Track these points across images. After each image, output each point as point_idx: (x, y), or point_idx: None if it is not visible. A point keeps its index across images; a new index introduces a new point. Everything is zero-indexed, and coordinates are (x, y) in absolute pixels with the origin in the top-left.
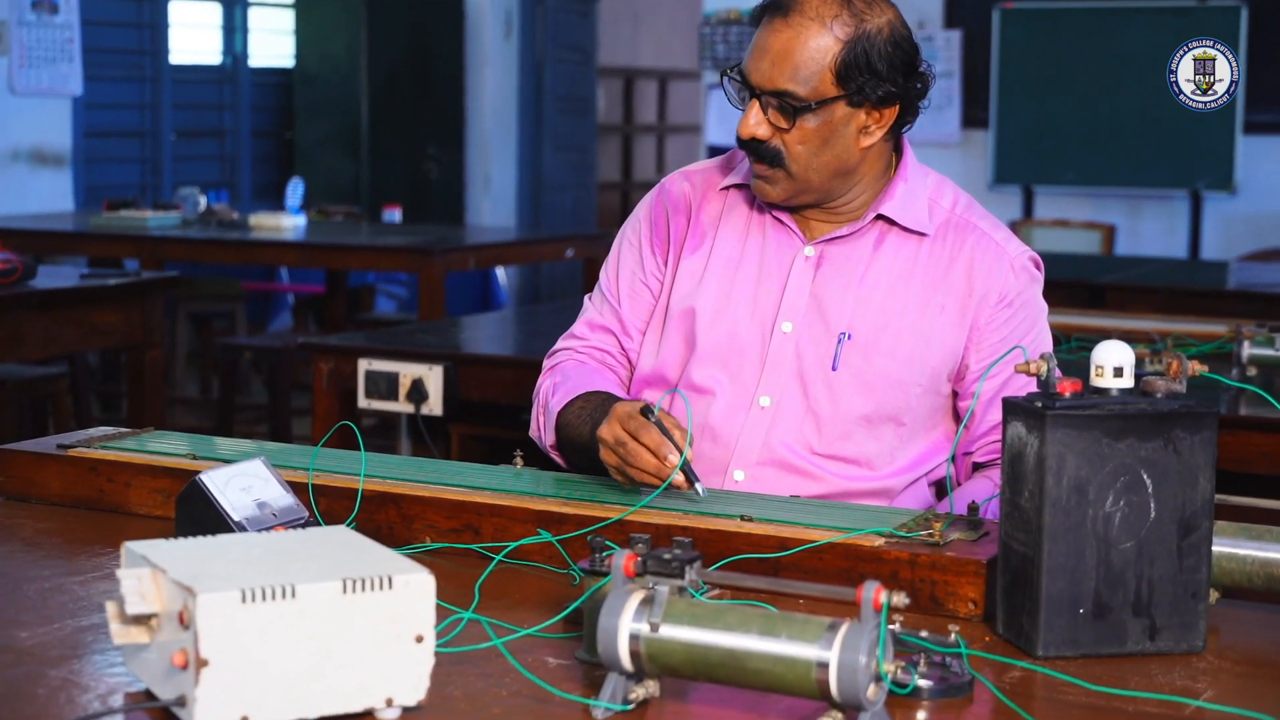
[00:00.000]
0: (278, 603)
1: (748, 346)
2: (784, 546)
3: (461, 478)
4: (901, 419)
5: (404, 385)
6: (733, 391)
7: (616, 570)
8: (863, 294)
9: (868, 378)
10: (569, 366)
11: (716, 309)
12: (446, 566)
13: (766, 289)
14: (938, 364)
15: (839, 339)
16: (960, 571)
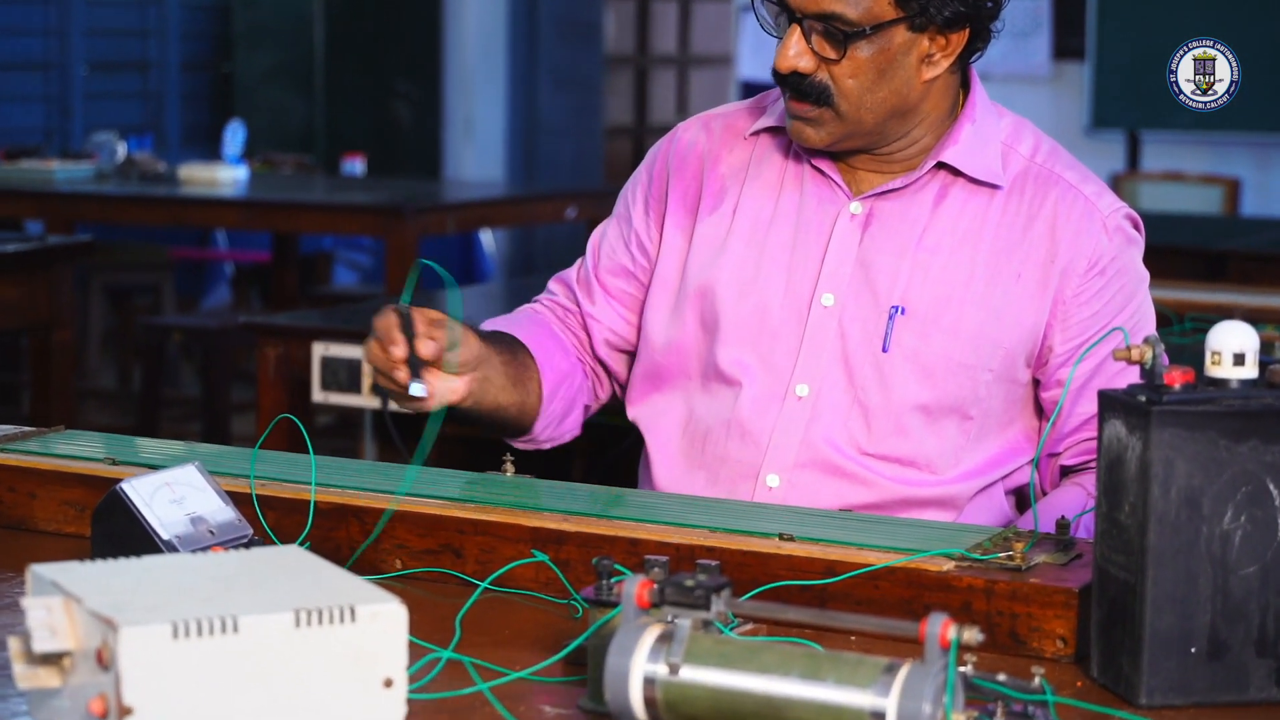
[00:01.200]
0: (216, 638)
1: (781, 325)
2: (832, 571)
3: (439, 487)
4: (968, 411)
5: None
6: (764, 380)
7: (628, 600)
8: (920, 259)
9: (926, 360)
10: (518, 315)
11: (743, 280)
12: (421, 595)
13: (803, 255)
14: (1012, 345)
15: (891, 314)
16: (1046, 602)
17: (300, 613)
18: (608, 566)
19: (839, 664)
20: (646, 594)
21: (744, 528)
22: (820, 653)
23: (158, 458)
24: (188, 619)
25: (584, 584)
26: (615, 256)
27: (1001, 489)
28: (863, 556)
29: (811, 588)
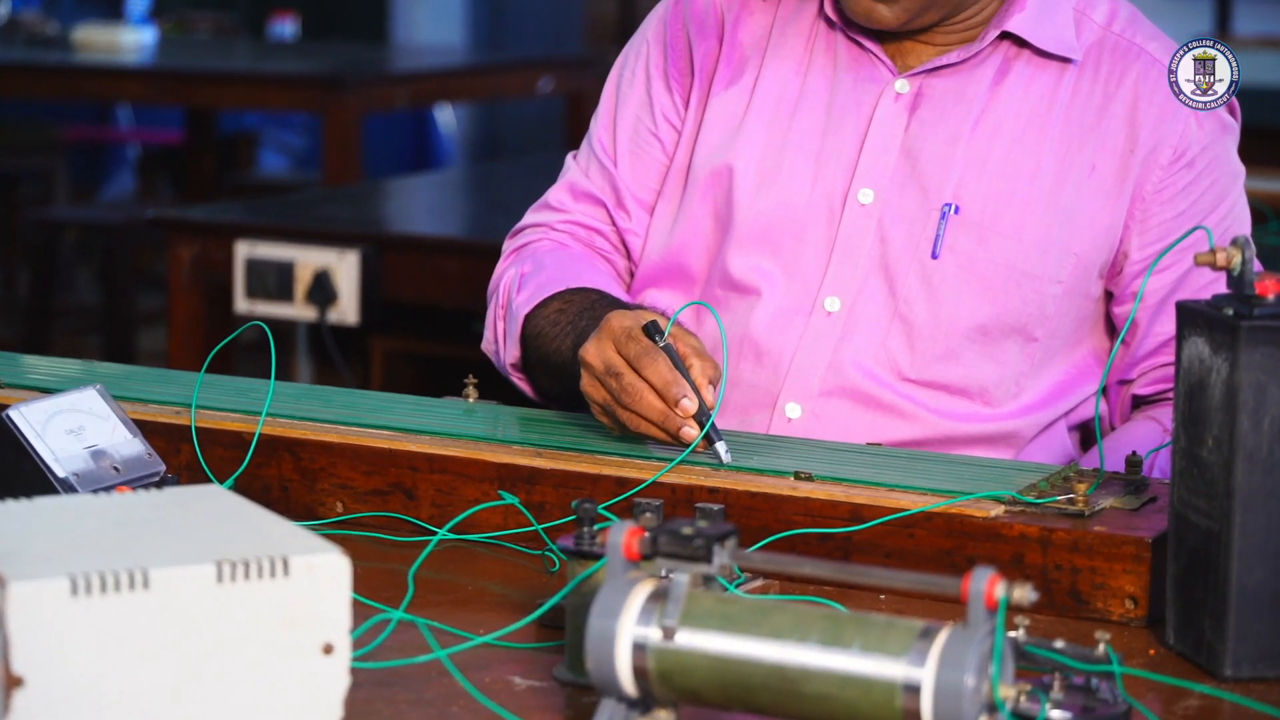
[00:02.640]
0: (123, 595)
1: (808, 224)
2: (858, 517)
3: (388, 415)
4: (1032, 331)
5: (302, 280)
6: (786, 290)
7: (614, 551)
8: (977, 147)
9: (983, 269)
10: (541, 250)
11: (763, 170)
12: (367, 544)
13: (838, 141)
14: (1085, 251)
15: (942, 213)
16: (1113, 554)
17: (223, 565)
18: (589, 511)
19: (865, 627)
20: (636, 544)
21: (753, 465)
22: (843, 614)
23: (50, 379)
24: (89, 572)
25: (561, 532)
26: (642, 155)
27: (1064, 425)
28: (894, 499)
29: (833, 537)
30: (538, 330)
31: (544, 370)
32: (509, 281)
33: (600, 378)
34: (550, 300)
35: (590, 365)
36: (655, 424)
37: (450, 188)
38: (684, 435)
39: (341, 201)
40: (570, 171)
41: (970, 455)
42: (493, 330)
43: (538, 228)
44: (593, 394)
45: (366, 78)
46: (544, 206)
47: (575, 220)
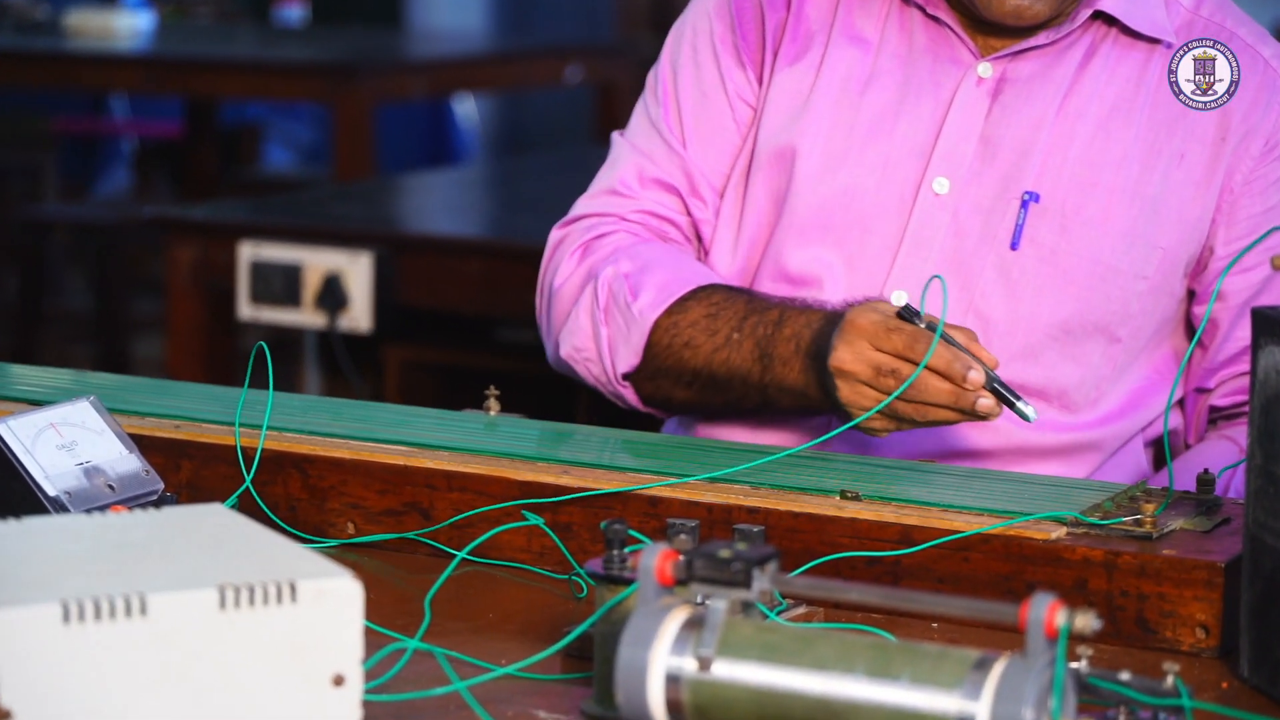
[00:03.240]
0: (119, 623)
1: (877, 212)
2: (908, 540)
3: (403, 430)
4: (1116, 331)
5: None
6: (848, 284)
7: (646, 575)
8: (1060, 132)
9: (1065, 263)
10: (634, 245)
11: (829, 152)
12: (380, 568)
13: (912, 125)
14: (1172, 246)
15: (1023, 202)
16: (1184, 580)
17: (226, 590)
18: (620, 532)
19: (916, 658)
20: (670, 567)
21: (795, 483)
22: (892, 644)
23: (39, 390)
24: (82, 598)
25: (589, 555)
26: (714, 135)
27: (1141, 440)
28: (948, 520)
29: (882, 560)
30: (680, 339)
31: (684, 380)
32: (611, 282)
33: (869, 382)
34: (686, 301)
35: (851, 373)
36: (947, 406)
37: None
38: (981, 408)
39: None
40: (629, 154)
41: (1031, 474)
42: (587, 337)
43: (605, 218)
44: (861, 402)
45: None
46: (609, 193)
47: (646, 209)
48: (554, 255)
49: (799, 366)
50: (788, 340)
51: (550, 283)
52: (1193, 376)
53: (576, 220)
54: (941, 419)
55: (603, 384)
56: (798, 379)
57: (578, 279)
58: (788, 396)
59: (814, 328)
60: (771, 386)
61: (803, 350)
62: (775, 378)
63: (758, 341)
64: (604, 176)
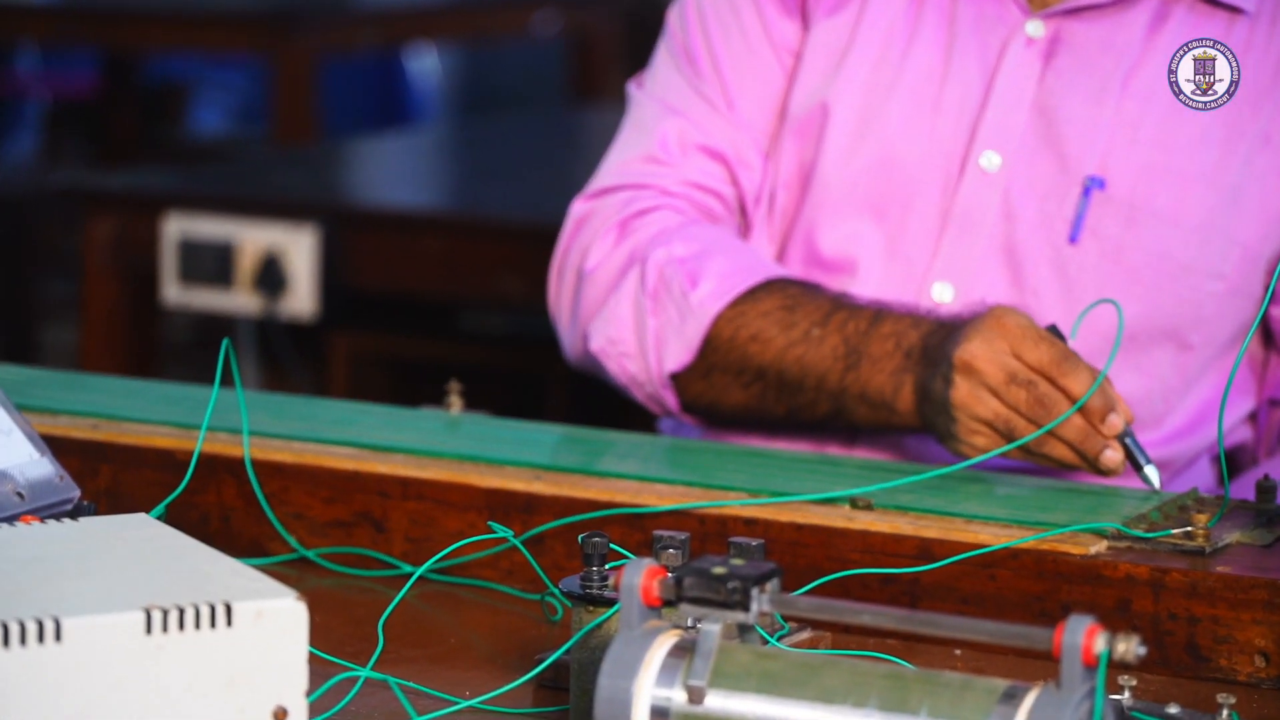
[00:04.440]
0: (31, 649)
1: (918, 188)
2: (928, 555)
3: (352, 430)
4: (1187, 337)
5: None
6: (886, 269)
7: (629, 594)
8: (1128, 109)
9: (1132, 258)
10: (687, 226)
11: (866, 116)
12: (327, 587)
13: (958, 91)
14: (1253, 239)
15: (1085, 188)
16: (1240, 601)
17: (153, 613)
18: (600, 546)
19: (936, 689)
20: (656, 586)
21: (800, 490)
22: (910, 672)
23: None
24: None
25: (564, 572)
26: (761, 92)
27: (1207, 457)
28: (972, 533)
29: (898, 578)
30: (747, 331)
31: (745, 380)
32: (663, 266)
33: (997, 387)
34: (755, 294)
35: (980, 372)
36: (1071, 444)
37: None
38: (1105, 460)
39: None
40: (663, 115)
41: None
42: (628, 329)
43: (645, 189)
44: (976, 407)
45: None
46: (647, 159)
47: (691, 179)
48: (579, 232)
49: (893, 367)
50: (886, 338)
51: (578, 265)
52: (1266, 386)
53: (608, 192)
54: (1058, 456)
55: (640, 384)
56: (887, 382)
57: (617, 262)
58: (867, 405)
59: (923, 328)
60: (851, 390)
61: (904, 349)
62: (861, 380)
63: (845, 338)
64: (635, 139)
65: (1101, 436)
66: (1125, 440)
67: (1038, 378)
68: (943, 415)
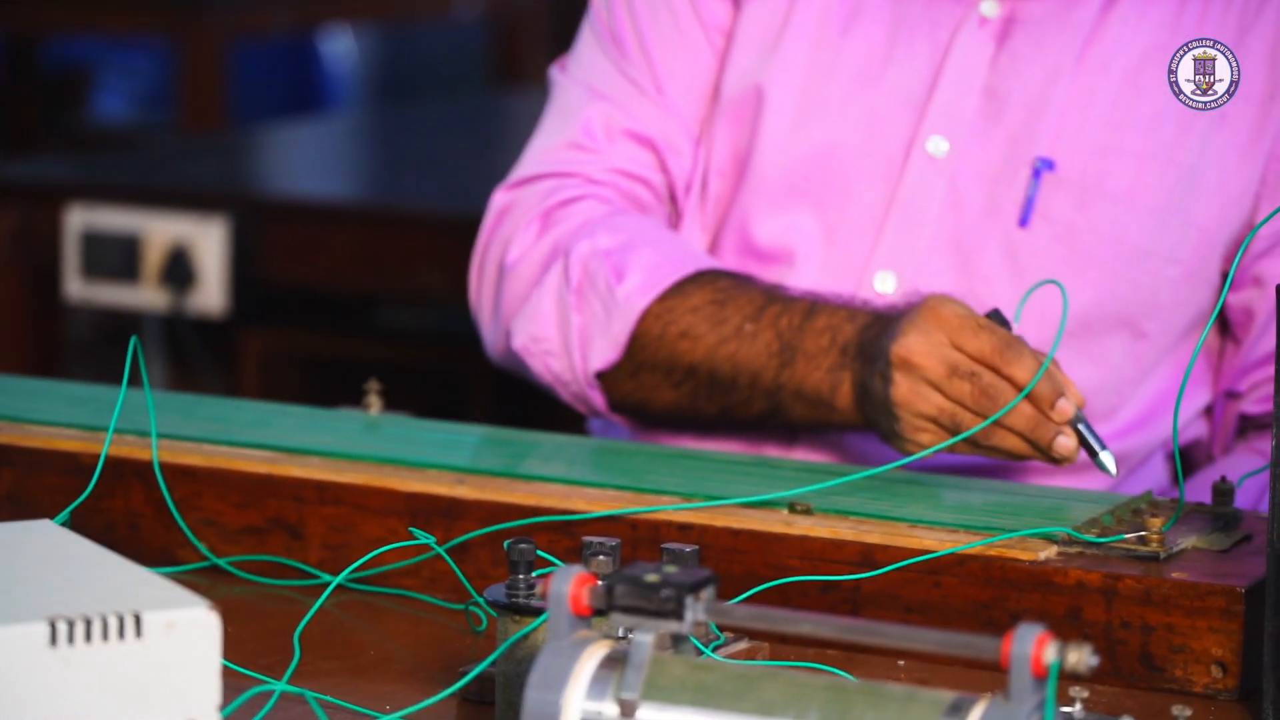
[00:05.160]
0: None
1: (859, 175)
2: (870, 561)
3: (266, 432)
4: (1142, 325)
5: (152, 256)
6: (825, 260)
7: (557, 603)
8: (1080, 87)
9: (1085, 242)
10: (613, 216)
11: (804, 99)
12: (241, 597)
13: (904, 73)
14: (1211, 222)
15: (1035, 169)
16: (1197, 608)
17: (57, 623)
18: (526, 553)
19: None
20: (586, 595)
21: (736, 493)
22: (851, 684)
23: None
24: None
25: (489, 580)
26: (691, 75)
27: (1161, 454)
28: (917, 538)
29: (839, 586)
30: (676, 328)
31: (675, 379)
32: (587, 260)
33: (938, 381)
34: (684, 288)
35: (919, 367)
36: (1021, 434)
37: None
38: (1058, 448)
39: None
40: (588, 99)
41: (1016, 483)
42: (551, 325)
43: (569, 178)
44: (918, 404)
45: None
46: (571, 146)
47: (617, 166)
48: (500, 224)
49: (829, 364)
50: (821, 332)
51: (499, 258)
52: (1223, 377)
53: (530, 181)
54: (1008, 447)
55: (565, 383)
56: (823, 379)
57: (539, 255)
58: (804, 403)
59: (859, 321)
60: (788, 388)
61: (840, 344)
62: (796, 377)
63: (779, 333)
64: (558, 125)
65: (1053, 423)
66: (1078, 426)
67: (980, 368)
68: (884, 414)
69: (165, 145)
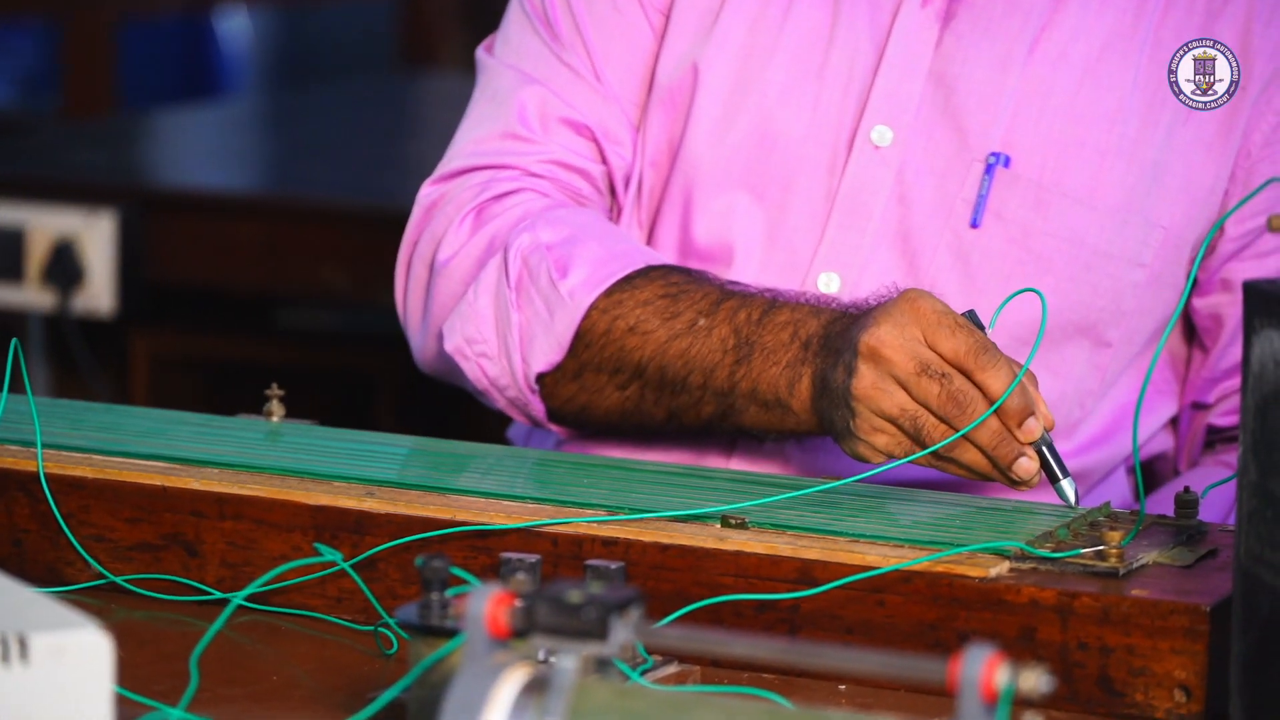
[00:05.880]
0: None
1: (800, 168)
2: (809, 579)
3: (160, 441)
4: (1104, 333)
5: (35, 253)
6: (764, 258)
7: (474, 625)
8: (1035, 76)
9: (1041, 244)
10: (552, 210)
11: (741, 83)
12: (134, 618)
13: (845, 57)
14: (1177, 221)
15: (987, 165)
16: (1158, 628)
17: None
18: (440, 571)
19: None
20: (504, 615)
21: (665, 506)
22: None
23: None
24: None
25: (400, 600)
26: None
27: (1124, 469)
28: (858, 554)
29: (775, 605)
30: (625, 323)
31: (621, 379)
32: (527, 255)
33: (905, 379)
34: (634, 281)
35: (888, 360)
36: (983, 448)
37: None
38: (1019, 469)
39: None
40: (521, 84)
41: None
42: (488, 325)
43: (504, 170)
44: (880, 400)
45: None
46: (505, 136)
47: (554, 157)
48: (429, 220)
49: (789, 359)
50: (782, 327)
51: (429, 257)
52: (1189, 388)
53: (462, 173)
54: (966, 461)
55: (501, 388)
56: (781, 376)
57: (474, 252)
58: (758, 404)
59: (824, 316)
60: (741, 387)
61: (802, 339)
62: (752, 374)
63: (736, 328)
64: (489, 112)
65: (1017, 442)
66: (1042, 448)
67: (952, 370)
68: (841, 408)
69: (48, 133)
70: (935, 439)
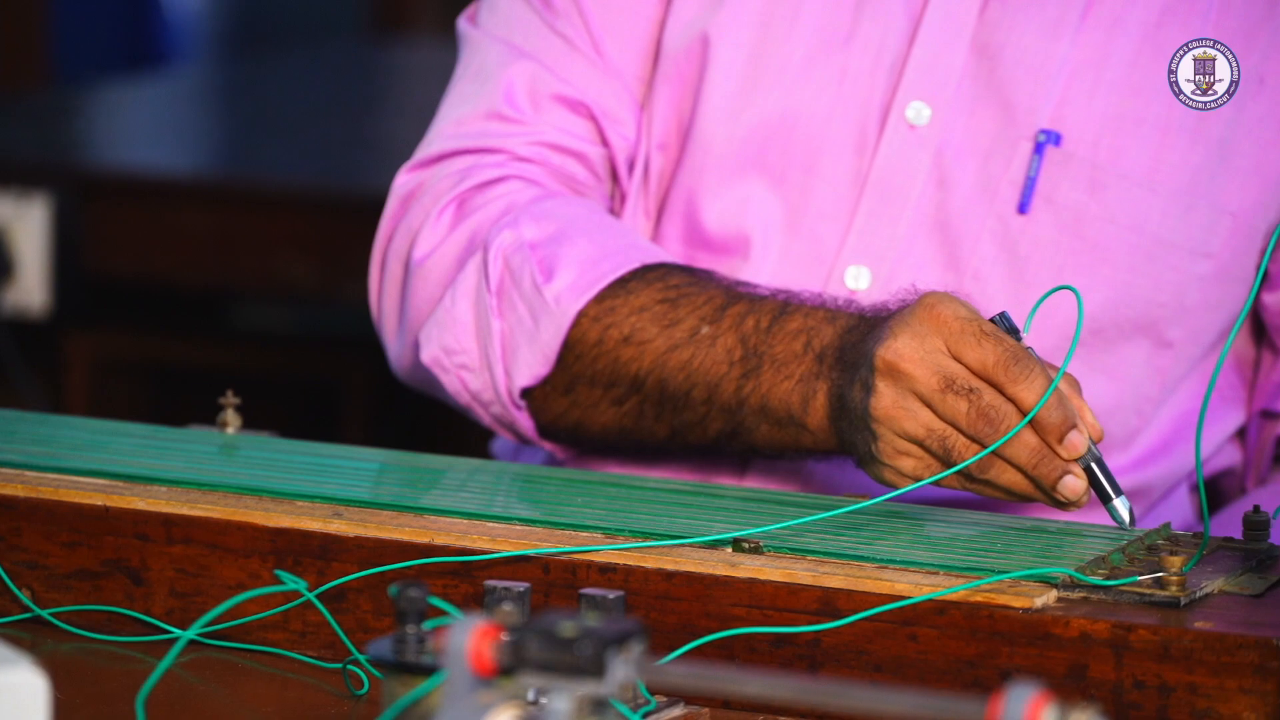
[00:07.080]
0: None
1: (825, 149)
2: (831, 610)
3: (101, 455)
4: (1166, 331)
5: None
6: (786, 250)
7: (456, 661)
8: (1088, 47)
9: (1097, 231)
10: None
11: (757, 58)
12: (73, 655)
13: (876, 28)
14: (1247, 206)
15: (1037, 144)
16: (1225, 665)
17: None
18: (417, 601)
19: None
20: (490, 650)
21: (670, 529)
22: None
23: None
24: None
25: (372, 633)
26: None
27: (1186, 485)
28: (887, 581)
29: (794, 639)
30: (619, 332)
31: (617, 394)
32: (509, 255)
33: (929, 396)
34: (628, 285)
35: (909, 376)
36: (1022, 468)
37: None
38: (1065, 489)
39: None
40: (509, 59)
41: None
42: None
43: (488, 155)
44: (903, 421)
45: None
46: (491, 116)
47: (545, 139)
48: (405, 212)
49: (802, 372)
50: (794, 336)
51: (405, 254)
52: (1258, 394)
53: (442, 159)
54: (1005, 483)
55: (484, 403)
56: (794, 391)
57: (453, 249)
58: (769, 422)
59: (840, 323)
60: (750, 403)
61: (817, 350)
62: (761, 389)
63: (743, 337)
64: (473, 90)
65: (1060, 459)
66: (1090, 464)
67: (981, 384)
68: (862, 431)
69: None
70: (959, 457)
